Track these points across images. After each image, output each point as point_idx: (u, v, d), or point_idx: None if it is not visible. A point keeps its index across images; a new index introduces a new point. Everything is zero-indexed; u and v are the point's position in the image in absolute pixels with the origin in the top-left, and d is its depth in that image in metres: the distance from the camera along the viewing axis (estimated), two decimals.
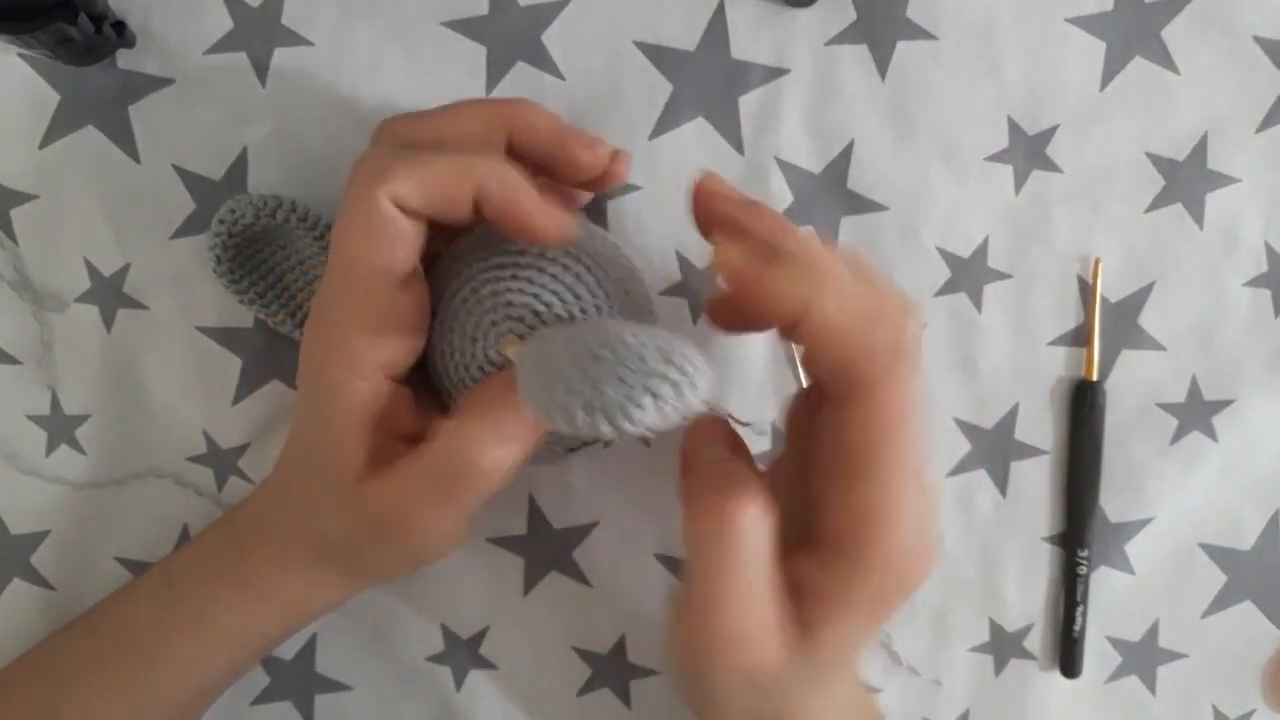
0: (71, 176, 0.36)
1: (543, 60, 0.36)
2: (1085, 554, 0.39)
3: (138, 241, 0.37)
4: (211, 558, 0.35)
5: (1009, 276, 0.38)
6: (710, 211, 0.30)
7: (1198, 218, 0.38)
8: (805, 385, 0.32)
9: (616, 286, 0.32)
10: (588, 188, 0.34)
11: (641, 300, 0.34)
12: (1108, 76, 0.37)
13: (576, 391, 0.23)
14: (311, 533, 0.33)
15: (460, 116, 0.31)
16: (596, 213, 0.37)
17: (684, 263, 0.38)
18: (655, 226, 0.37)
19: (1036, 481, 0.39)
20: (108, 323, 0.37)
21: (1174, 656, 0.40)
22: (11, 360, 0.37)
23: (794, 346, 0.36)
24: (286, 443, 0.34)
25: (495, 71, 0.36)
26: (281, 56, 0.36)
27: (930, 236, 0.38)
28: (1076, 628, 0.39)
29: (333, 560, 0.33)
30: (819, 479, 0.27)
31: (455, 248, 0.33)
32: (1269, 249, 0.38)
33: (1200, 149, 0.38)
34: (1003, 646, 0.40)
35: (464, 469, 0.29)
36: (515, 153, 0.32)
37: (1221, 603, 0.40)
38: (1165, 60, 0.37)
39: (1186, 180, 0.38)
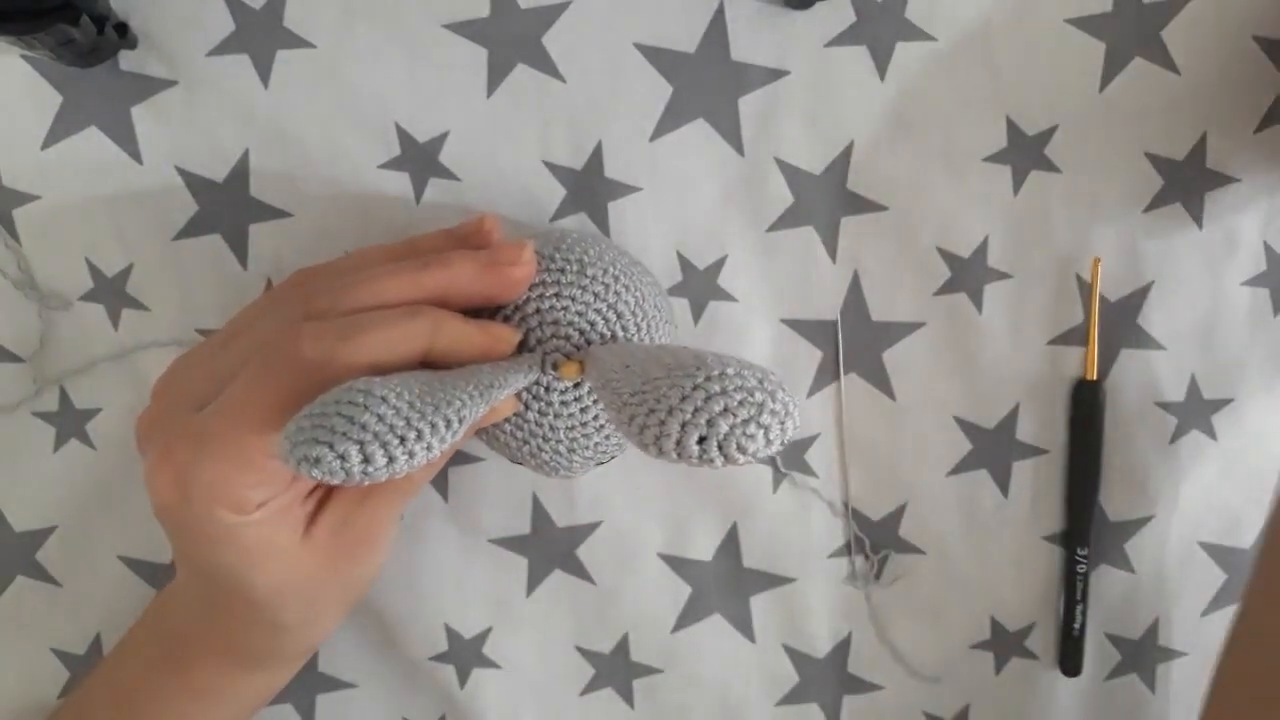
0: (74, 177, 0.36)
1: (543, 62, 0.36)
2: (1085, 553, 0.39)
3: (140, 242, 0.37)
4: (155, 672, 0.35)
5: (1009, 276, 0.38)
6: None
7: (1197, 217, 0.38)
8: None
9: (649, 302, 0.32)
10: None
11: (666, 312, 0.34)
12: (1107, 77, 0.37)
13: (693, 425, 0.22)
14: (244, 643, 0.34)
15: (381, 289, 0.31)
16: (597, 213, 0.37)
17: (684, 262, 0.38)
18: (655, 227, 0.37)
19: (1038, 481, 0.39)
20: (114, 320, 0.37)
21: (1174, 655, 0.40)
22: (16, 358, 0.38)
23: None
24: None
25: (496, 74, 0.36)
26: (283, 58, 0.36)
27: (930, 237, 0.38)
28: (1077, 626, 0.39)
29: (275, 655, 0.35)
30: None
31: None
32: (1268, 248, 0.38)
33: (1199, 149, 0.38)
34: (1003, 644, 0.40)
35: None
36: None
37: (1221, 601, 0.40)
38: (1165, 60, 0.37)
39: (1185, 180, 0.38)
